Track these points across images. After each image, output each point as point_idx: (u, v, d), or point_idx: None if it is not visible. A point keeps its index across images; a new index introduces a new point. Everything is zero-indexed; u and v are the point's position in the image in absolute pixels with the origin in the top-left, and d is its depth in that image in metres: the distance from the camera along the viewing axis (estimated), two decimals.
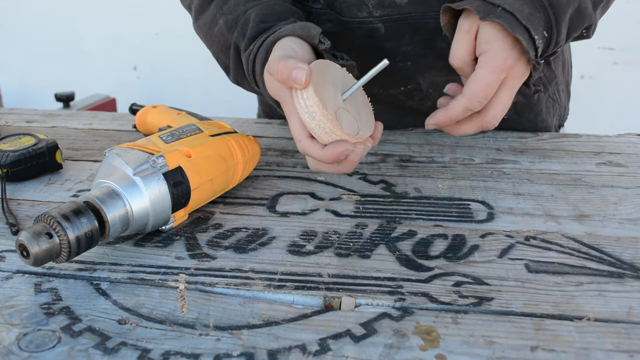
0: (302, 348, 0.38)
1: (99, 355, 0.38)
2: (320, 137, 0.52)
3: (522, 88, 0.77)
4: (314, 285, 0.45)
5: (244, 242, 0.52)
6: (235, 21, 0.64)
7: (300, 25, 0.57)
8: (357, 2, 0.58)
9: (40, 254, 0.42)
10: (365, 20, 0.69)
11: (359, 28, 0.70)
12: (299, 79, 0.50)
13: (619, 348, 0.38)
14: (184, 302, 0.43)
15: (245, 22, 0.62)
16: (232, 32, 0.64)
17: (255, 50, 0.59)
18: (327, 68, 0.54)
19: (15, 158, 0.64)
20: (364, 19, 0.69)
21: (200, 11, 0.69)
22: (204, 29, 0.69)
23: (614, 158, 0.72)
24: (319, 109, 0.50)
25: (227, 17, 0.65)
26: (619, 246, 0.51)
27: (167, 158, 0.52)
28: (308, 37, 0.57)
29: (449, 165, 0.70)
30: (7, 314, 0.42)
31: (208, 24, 0.67)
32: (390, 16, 0.69)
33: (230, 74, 0.68)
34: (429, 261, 0.49)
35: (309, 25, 0.57)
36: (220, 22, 0.65)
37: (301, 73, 0.50)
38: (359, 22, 0.70)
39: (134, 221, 0.49)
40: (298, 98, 0.51)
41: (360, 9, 0.69)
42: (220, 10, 0.66)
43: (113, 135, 0.83)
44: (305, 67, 0.50)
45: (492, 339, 0.39)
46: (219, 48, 0.67)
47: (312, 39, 0.57)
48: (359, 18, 0.69)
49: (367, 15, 0.69)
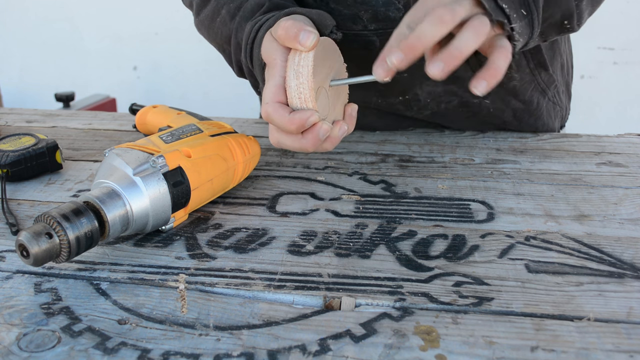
0: (302, 348, 0.38)
1: (98, 355, 0.37)
2: (291, 100, 0.50)
3: (518, 95, 0.77)
4: (314, 285, 0.45)
5: (244, 242, 0.52)
6: (237, 8, 0.63)
7: (316, 12, 0.56)
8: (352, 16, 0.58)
9: (40, 254, 0.42)
10: (361, 33, 0.69)
11: (354, 40, 0.70)
12: (306, 41, 0.49)
13: (619, 348, 0.38)
14: (184, 302, 0.43)
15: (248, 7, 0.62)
16: (234, 19, 0.63)
17: (263, 20, 0.58)
18: (331, 50, 0.54)
19: (15, 158, 0.64)
20: (359, 32, 0.69)
21: (201, 5, 0.69)
22: (205, 22, 0.68)
23: (614, 158, 0.72)
24: (308, 73, 0.49)
25: (229, 6, 0.64)
26: (619, 246, 0.51)
27: (167, 158, 0.52)
28: (321, 24, 0.55)
29: (449, 165, 0.70)
30: (7, 314, 0.42)
31: (210, 17, 0.67)
32: (384, 30, 0.68)
33: (234, 65, 0.67)
34: (429, 261, 0.49)
35: (325, 15, 0.56)
36: (222, 11, 0.65)
37: (311, 36, 0.49)
38: (355, 35, 0.70)
39: (134, 221, 0.49)
40: (294, 56, 0.50)
41: (355, 22, 0.69)
42: (222, 1, 0.65)
43: (113, 135, 0.83)
44: (315, 32, 0.49)
45: (492, 339, 0.39)
46: (222, 39, 0.66)
47: (325, 28, 0.55)
48: (354, 31, 0.69)
49: (362, 28, 0.69)
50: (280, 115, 0.50)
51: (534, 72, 0.76)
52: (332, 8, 0.70)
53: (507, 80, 0.50)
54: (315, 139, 0.51)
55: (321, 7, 0.71)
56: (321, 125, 0.50)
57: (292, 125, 0.50)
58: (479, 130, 0.83)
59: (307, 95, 0.50)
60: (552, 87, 0.80)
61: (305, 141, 0.51)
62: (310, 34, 0.49)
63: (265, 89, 0.52)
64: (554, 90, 0.81)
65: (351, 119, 0.56)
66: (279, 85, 0.51)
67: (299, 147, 0.52)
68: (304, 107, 0.50)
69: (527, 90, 0.77)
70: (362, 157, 0.73)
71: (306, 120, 0.50)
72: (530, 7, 0.52)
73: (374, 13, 0.67)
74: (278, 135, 0.53)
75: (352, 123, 0.56)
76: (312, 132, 0.51)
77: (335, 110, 0.55)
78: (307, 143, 0.51)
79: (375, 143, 0.78)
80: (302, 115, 0.49)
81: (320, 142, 0.51)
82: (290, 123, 0.50)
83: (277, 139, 0.53)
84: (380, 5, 0.67)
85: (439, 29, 0.47)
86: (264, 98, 0.52)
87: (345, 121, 0.56)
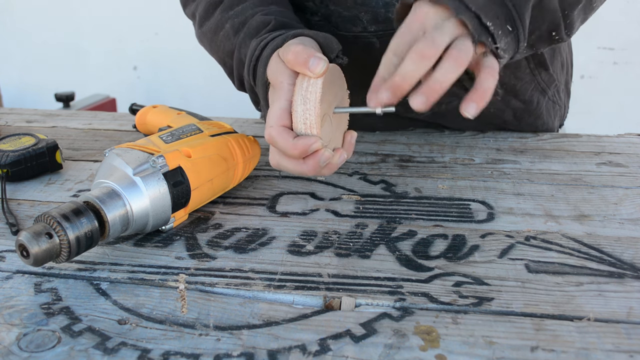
0: (302, 348, 0.38)
1: (98, 355, 0.37)
2: (296, 125, 0.50)
3: (518, 94, 0.77)
4: (314, 285, 0.45)
5: (244, 242, 0.52)
6: (242, 24, 0.63)
7: (323, 35, 0.56)
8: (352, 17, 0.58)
9: (40, 254, 0.42)
10: (361, 34, 0.69)
11: (354, 42, 0.70)
12: (316, 68, 0.49)
13: (619, 348, 0.38)
14: (184, 302, 0.43)
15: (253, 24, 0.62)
16: (238, 34, 0.63)
17: (269, 38, 0.58)
18: (337, 77, 0.55)
19: (15, 158, 0.64)
20: (359, 34, 0.69)
21: (205, 17, 0.69)
22: (208, 35, 0.68)
23: (614, 158, 0.72)
24: (316, 99, 0.49)
25: (233, 20, 0.64)
26: (619, 246, 0.51)
27: (167, 158, 0.52)
28: (328, 48, 0.55)
29: (449, 165, 0.70)
30: (7, 314, 0.42)
31: (213, 30, 0.67)
32: (384, 31, 0.68)
33: (235, 79, 0.67)
34: (429, 261, 0.49)
35: (332, 39, 0.56)
36: (226, 26, 0.65)
37: (321, 63, 0.49)
38: (355, 37, 0.70)
39: (134, 221, 0.49)
40: (302, 81, 0.50)
41: (355, 23, 0.69)
42: (226, 15, 0.65)
43: (113, 135, 0.83)
44: (325, 59, 0.49)
45: (492, 339, 0.39)
46: (224, 53, 0.66)
47: (331, 52, 0.55)
48: (354, 32, 0.69)
49: (362, 30, 0.69)
50: (284, 140, 0.50)
51: (534, 72, 0.76)
52: (331, 10, 0.70)
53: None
54: (316, 165, 0.51)
55: (321, 9, 0.71)
56: (323, 153, 0.51)
57: (296, 151, 0.50)
58: (479, 130, 0.83)
59: (313, 121, 0.50)
60: (553, 86, 0.80)
61: (305, 166, 0.51)
62: (320, 61, 0.49)
63: (270, 111, 0.52)
64: (554, 90, 0.81)
65: (350, 146, 0.57)
66: (285, 109, 0.51)
67: (299, 172, 0.52)
68: (309, 132, 0.50)
69: (527, 90, 0.77)
70: (362, 157, 0.73)
71: (310, 146, 0.50)
72: (515, 23, 0.52)
73: (373, 15, 0.67)
74: (279, 157, 0.53)
75: (350, 150, 0.57)
76: (313, 159, 0.51)
77: (336, 136, 0.55)
78: (307, 168, 0.51)
79: (375, 143, 0.78)
80: (307, 142, 0.50)
81: (320, 169, 0.52)
82: (293, 148, 0.50)
83: (277, 162, 0.53)
84: (380, 6, 0.67)
85: (422, 66, 0.47)
86: (269, 121, 0.52)
87: (345, 149, 0.56)
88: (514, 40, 0.53)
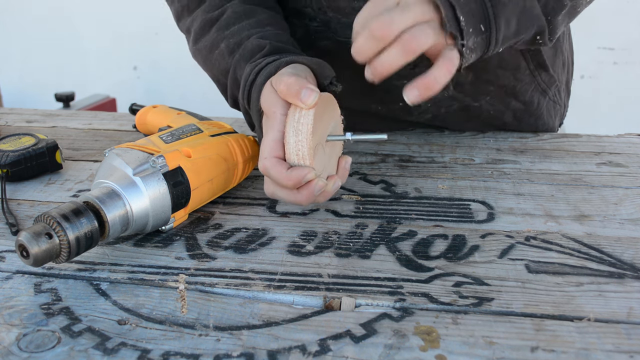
0: (302, 348, 0.38)
1: (98, 355, 0.37)
2: (289, 157, 0.51)
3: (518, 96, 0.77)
4: (314, 286, 0.45)
5: (244, 242, 0.52)
6: (237, 45, 0.63)
7: (317, 61, 0.56)
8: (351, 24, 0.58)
9: (40, 254, 0.42)
10: None
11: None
12: (307, 100, 0.49)
13: (619, 348, 0.38)
14: (184, 303, 0.43)
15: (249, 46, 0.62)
16: (233, 55, 0.63)
17: (263, 64, 0.58)
18: (330, 105, 0.55)
19: (15, 158, 0.64)
20: None
21: (200, 34, 0.69)
22: (203, 52, 0.68)
23: (614, 158, 0.72)
24: (307, 131, 0.50)
25: (229, 40, 0.64)
26: (619, 246, 0.51)
27: (167, 158, 0.51)
28: (321, 75, 0.56)
29: (449, 165, 0.70)
30: (7, 314, 0.42)
31: (208, 47, 0.67)
32: None
33: (228, 98, 0.67)
34: (429, 261, 0.49)
35: (325, 65, 0.56)
36: (221, 45, 0.65)
37: (313, 95, 0.49)
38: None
39: (134, 221, 0.49)
40: (294, 112, 0.50)
41: None
42: (222, 34, 0.65)
43: (113, 135, 0.83)
44: (317, 90, 0.49)
45: (492, 340, 0.39)
46: (219, 71, 0.66)
47: (324, 78, 0.56)
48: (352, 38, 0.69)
49: None
50: (277, 171, 0.51)
51: (534, 73, 0.76)
52: (330, 17, 0.70)
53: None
54: (310, 195, 0.51)
55: (319, 15, 0.71)
56: (317, 182, 0.51)
57: (289, 182, 0.50)
58: (479, 130, 0.83)
59: (305, 153, 0.50)
60: (554, 86, 0.80)
61: (300, 196, 0.52)
62: (312, 92, 0.49)
63: (263, 142, 0.52)
64: (555, 90, 0.81)
65: (345, 172, 0.57)
66: (277, 140, 0.51)
67: (293, 201, 0.53)
68: (302, 163, 0.51)
69: (527, 91, 0.77)
70: (362, 157, 0.73)
71: (303, 177, 0.50)
72: (490, 24, 0.52)
73: None
74: (274, 188, 0.53)
75: (345, 176, 0.57)
76: (307, 189, 0.51)
77: (330, 163, 0.55)
78: (301, 197, 0.52)
79: (375, 143, 0.78)
80: (300, 173, 0.50)
81: (314, 197, 0.52)
82: (287, 179, 0.50)
83: (272, 191, 0.54)
84: None
85: (373, 45, 0.50)
86: (262, 152, 0.52)
87: (339, 175, 0.56)
88: (485, 41, 0.52)
